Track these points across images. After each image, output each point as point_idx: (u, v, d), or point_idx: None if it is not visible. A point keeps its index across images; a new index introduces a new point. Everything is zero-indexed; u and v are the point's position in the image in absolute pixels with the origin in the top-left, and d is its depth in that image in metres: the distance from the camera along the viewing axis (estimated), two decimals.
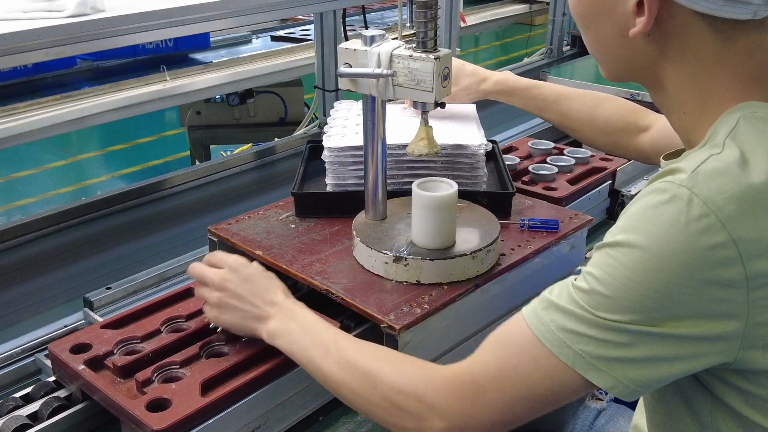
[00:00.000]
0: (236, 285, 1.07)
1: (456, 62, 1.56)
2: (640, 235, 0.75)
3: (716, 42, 0.81)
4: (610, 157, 1.81)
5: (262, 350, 1.08)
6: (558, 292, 0.82)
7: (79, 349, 1.10)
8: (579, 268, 0.88)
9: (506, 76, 1.57)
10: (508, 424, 0.84)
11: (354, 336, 1.04)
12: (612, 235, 0.79)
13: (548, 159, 1.79)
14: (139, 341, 1.11)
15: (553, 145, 1.87)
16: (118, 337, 1.11)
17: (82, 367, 1.05)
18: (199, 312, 1.18)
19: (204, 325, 1.14)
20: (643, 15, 0.82)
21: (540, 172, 1.71)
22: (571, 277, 0.82)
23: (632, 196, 1.78)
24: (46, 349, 1.30)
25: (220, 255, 1.13)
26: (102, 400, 1.03)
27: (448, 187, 1.21)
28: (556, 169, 1.72)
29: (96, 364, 1.07)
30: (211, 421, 0.99)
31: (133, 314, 1.18)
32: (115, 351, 1.09)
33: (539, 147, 1.87)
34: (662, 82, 0.88)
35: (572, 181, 1.70)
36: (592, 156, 1.83)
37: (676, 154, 0.93)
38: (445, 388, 0.85)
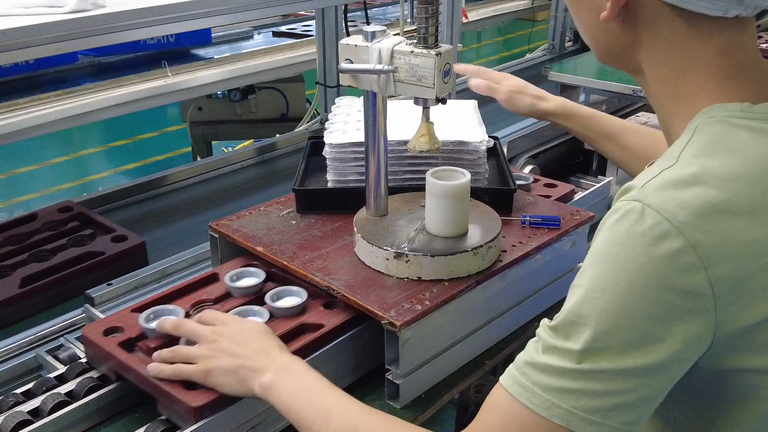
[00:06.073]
0: (230, 338, 1.00)
1: (520, 81, 1.54)
2: (602, 258, 0.74)
3: (689, 35, 0.80)
4: None
5: None
6: (532, 347, 0.78)
7: (110, 332, 1.12)
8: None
9: (567, 102, 1.51)
10: None
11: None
12: (581, 266, 0.77)
13: None
14: None
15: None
16: None
17: (117, 348, 1.08)
18: (226, 295, 1.20)
19: (228, 310, 1.15)
20: None
21: None
22: (543, 322, 0.79)
23: None
24: (46, 344, 1.31)
25: (212, 313, 1.08)
26: (136, 379, 1.05)
27: (462, 176, 1.23)
28: None
29: (128, 346, 1.10)
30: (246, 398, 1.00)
31: (162, 298, 1.21)
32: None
33: None
34: (641, 70, 0.88)
35: None
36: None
37: None
38: None
